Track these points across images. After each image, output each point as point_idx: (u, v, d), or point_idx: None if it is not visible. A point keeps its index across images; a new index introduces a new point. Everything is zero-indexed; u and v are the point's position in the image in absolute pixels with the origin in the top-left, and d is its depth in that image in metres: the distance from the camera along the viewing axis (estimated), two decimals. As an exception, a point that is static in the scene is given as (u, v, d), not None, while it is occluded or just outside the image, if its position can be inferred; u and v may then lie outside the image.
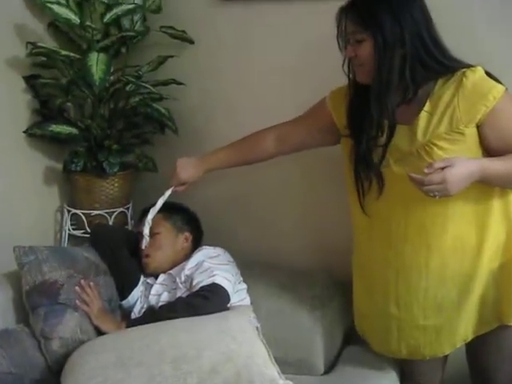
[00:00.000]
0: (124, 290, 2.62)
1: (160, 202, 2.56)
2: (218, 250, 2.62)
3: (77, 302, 2.38)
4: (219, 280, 2.39)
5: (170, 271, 2.63)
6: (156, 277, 2.65)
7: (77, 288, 2.40)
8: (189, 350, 2.03)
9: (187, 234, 2.70)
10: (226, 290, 2.38)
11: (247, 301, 2.56)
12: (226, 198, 2.99)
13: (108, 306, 2.53)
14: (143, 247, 2.60)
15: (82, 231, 2.92)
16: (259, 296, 2.58)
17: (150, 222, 2.56)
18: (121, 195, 2.92)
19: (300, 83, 2.71)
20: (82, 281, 2.42)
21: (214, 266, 2.48)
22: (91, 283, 2.44)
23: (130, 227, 2.98)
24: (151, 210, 2.57)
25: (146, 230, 2.56)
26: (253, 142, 2.50)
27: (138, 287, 2.64)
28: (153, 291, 2.61)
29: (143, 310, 2.57)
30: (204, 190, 2.89)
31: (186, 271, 2.52)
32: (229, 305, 2.41)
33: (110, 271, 2.60)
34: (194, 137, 2.96)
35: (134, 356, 2.05)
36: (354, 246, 2.42)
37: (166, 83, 2.86)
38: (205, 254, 2.58)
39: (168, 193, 2.56)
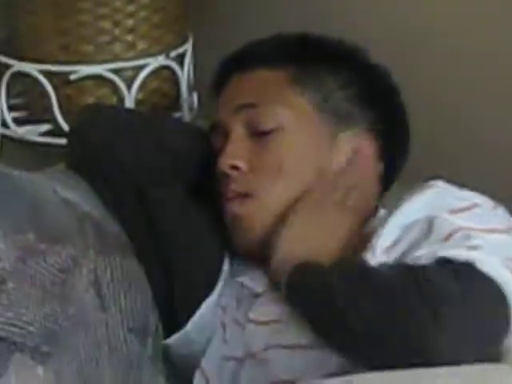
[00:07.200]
0: (178, 302, 1.17)
1: None
2: (471, 196, 1.07)
3: None
4: (483, 265, 1.00)
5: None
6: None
7: None
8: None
9: (362, 139, 1.16)
10: (498, 288, 0.99)
11: None
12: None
13: (124, 350, 1.11)
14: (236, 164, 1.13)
15: (46, 130, 1.60)
16: None
17: None
18: (160, 19, 1.65)
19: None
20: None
21: (470, 230, 1.02)
22: None
23: (187, 117, 1.61)
24: None
25: None
26: None
27: (216, 292, 1.14)
28: (257, 312, 1.07)
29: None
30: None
31: (378, 254, 1.02)
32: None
33: (135, 244, 1.21)
34: None
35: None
36: None
37: None
38: (431, 200, 1.04)
39: None
